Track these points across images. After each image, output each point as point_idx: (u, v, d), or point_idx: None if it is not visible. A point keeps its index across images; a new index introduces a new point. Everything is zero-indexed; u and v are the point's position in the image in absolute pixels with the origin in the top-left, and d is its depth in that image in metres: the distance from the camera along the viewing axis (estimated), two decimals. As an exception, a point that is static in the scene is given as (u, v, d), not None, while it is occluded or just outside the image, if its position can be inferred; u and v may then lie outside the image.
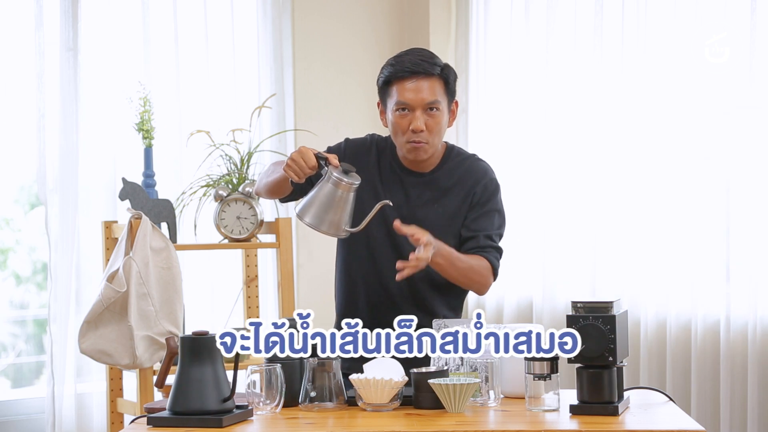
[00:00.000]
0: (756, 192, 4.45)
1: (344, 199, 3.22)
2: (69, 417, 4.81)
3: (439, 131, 3.41)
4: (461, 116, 5.50)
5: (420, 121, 3.36)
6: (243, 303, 4.92)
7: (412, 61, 3.39)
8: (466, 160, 3.53)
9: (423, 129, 3.37)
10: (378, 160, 3.49)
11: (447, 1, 5.55)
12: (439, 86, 3.40)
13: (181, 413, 2.87)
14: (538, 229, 5.13)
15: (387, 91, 3.42)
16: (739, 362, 4.48)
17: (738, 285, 4.50)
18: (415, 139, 3.38)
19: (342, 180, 3.21)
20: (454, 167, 3.50)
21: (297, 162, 3.22)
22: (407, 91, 3.37)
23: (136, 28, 5.00)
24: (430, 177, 3.48)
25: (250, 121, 4.73)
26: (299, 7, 5.40)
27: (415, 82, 3.37)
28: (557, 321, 4.95)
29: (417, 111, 3.37)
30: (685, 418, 2.92)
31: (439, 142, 3.44)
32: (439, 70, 3.40)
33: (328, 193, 3.22)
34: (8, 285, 5.09)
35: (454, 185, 3.48)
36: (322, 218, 3.23)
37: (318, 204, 3.23)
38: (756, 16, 4.42)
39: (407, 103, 3.37)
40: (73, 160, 4.81)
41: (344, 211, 3.23)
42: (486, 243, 3.45)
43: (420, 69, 3.38)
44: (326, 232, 3.24)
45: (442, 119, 3.41)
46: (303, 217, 3.24)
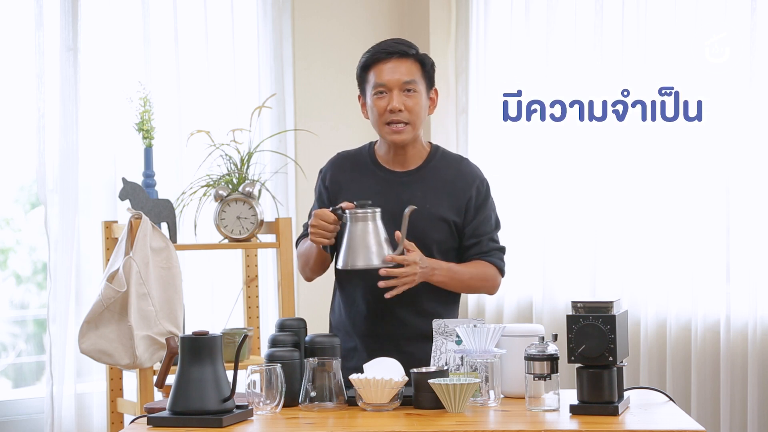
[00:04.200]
0: (756, 192, 4.45)
1: (375, 229, 3.27)
2: (69, 417, 4.81)
3: (419, 113, 3.42)
4: (461, 116, 5.50)
5: (398, 100, 3.38)
6: (243, 303, 4.92)
7: (387, 44, 3.45)
8: (455, 161, 3.53)
9: (402, 108, 3.39)
10: (359, 169, 3.50)
11: (447, 1, 5.55)
12: (415, 68, 3.43)
13: (181, 413, 2.87)
14: (538, 230, 5.13)
15: (365, 77, 3.45)
16: (739, 362, 4.49)
17: (738, 285, 4.50)
18: (394, 119, 3.39)
19: (359, 213, 3.26)
20: (443, 168, 3.50)
21: (319, 226, 3.29)
22: (384, 73, 3.40)
23: (136, 28, 5.00)
24: (417, 175, 3.48)
25: (250, 121, 4.73)
26: (299, 7, 5.40)
27: (392, 63, 3.41)
28: (557, 321, 4.95)
29: (395, 91, 3.39)
30: (685, 418, 2.92)
31: (420, 125, 3.45)
32: (414, 51, 3.45)
33: (359, 231, 3.26)
34: (8, 285, 5.09)
35: (444, 186, 3.47)
36: (366, 255, 3.26)
37: (355, 245, 3.26)
38: (756, 16, 4.42)
39: (385, 84, 3.40)
40: (73, 160, 4.81)
41: (381, 238, 3.27)
42: (490, 246, 3.48)
43: (396, 50, 3.42)
44: (378, 264, 3.27)
45: (421, 100, 3.43)
46: (348, 264, 3.27)
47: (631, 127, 4.83)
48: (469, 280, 3.43)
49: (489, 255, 3.48)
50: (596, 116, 4.95)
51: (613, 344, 2.91)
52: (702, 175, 4.62)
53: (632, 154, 4.83)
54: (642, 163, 4.80)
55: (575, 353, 2.94)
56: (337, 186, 3.48)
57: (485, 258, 3.47)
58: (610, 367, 2.93)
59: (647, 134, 4.78)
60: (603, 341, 2.92)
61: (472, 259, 3.46)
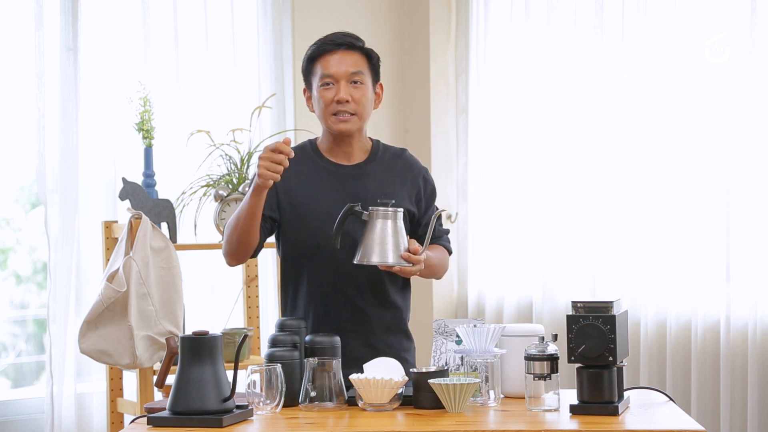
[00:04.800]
0: (756, 192, 4.46)
1: (395, 228, 3.26)
2: (69, 417, 4.80)
3: (365, 105, 3.43)
4: (461, 116, 5.50)
5: (345, 91, 3.40)
6: (243, 303, 4.92)
7: (335, 36, 3.46)
8: (399, 153, 3.55)
9: (348, 99, 3.39)
10: (305, 164, 3.47)
11: (447, 1, 5.55)
12: (362, 61, 3.45)
13: (181, 413, 2.87)
14: (538, 230, 5.14)
15: (311, 69, 3.46)
16: (739, 362, 4.49)
17: (738, 285, 4.51)
18: (340, 109, 3.40)
19: (380, 211, 3.25)
20: (390, 159, 3.51)
21: (273, 159, 3.18)
22: (331, 64, 3.42)
23: (136, 28, 5.00)
24: (366, 168, 3.48)
25: (250, 121, 4.73)
26: (299, 7, 5.40)
27: (339, 55, 3.42)
28: (557, 321, 4.95)
29: (341, 82, 3.40)
30: (685, 418, 2.92)
31: (366, 117, 3.45)
32: (362, 44, 3.47)
33: (378, 229, 3.25)
34: (8, 285, 5.09)
35: (395, 177, 3.49)
36: (383, 252, 3.25)
37: (372, 242, 3.25)
38: (756, 16, 4.42)
39: (331, 75, 3.41)
40: (73, 160, 4.81)
41: (399, 237, 3.26)
42: (441, 232, 3.57)
43: (343, 41, 3.44)
44: (393, 262, 3.25)
45: (367, 92, 3.44)
46: (364, 259, 3.25)
47: (631, 127, 4.84)
48: (436, 266, 3.48)
49: (440, 239, 3.55)
50: (596, 116, 4.97)
51: (613, 344, 2.92)
52: (702, 176, 4.62)
53: (632, 154, 4.83)
54: (642, 163, 4.80)
55: (575, 353, 2.94)
56: (284, 181, 3.36)
57: (439, 242, 3.54)
58: (610, 367, 2.93)
59: (647, 134, 4.78)
60: (603, 341, 2.92)
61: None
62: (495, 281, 5.32)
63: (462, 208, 5.47)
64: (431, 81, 5.52)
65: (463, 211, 5.46)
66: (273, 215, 3.43)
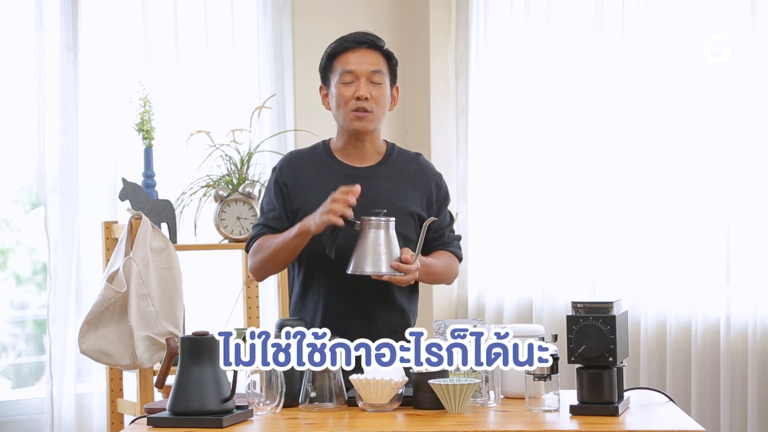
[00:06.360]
0: (756, 192, 4.46)
1: (387, 238, 3.26)
2: (69, 417, 4.80)
3: (383, 105, 3.44)
4: (461, 116, 5.50)
5: (365, 88, 3.40)
6: (243, 303, 4.92)
7: (357, 35, 3.47)
8: (413, 157, 3.56)
9: (368, 96, 3.40)
10: (317, 167, 3.48)
11: (447, 1, 5.55)
12: (382, 61, 3.45)
13: (181, 413, 2.87)
14: (538, 229, 5.14)
15: (331, 66, 3.46)
16: (739, 362, 4.49)
17: (738, 285, 4.51)
18: (360, 106, 3.40)
19: (372, 221, 3.25)
20: (403, 163, 3.51)
21: (339, 200, 3.23)
22: (352, 61, 3.42)
23: (136, 28, 5.00)
24: (379, 170, 3.48)
25: (250, 121, 4.73)
26: (299, 7, 5.40)
27: (360, 52, 3.43)
28: (557, 321, 4.95)
29: (362, 79, 3.40)
30: (685, 418, 2.92)
31: (382, 118, 3.46)
32: (383, 44, 3.47)
33: (371, 239, 3.25)
34: (8, 285, 5.09)
35: (408, 181, 3.48)
36: (376, 262, 3.25)
37: (365, 252, 3.25)
38: (756, 16, 4.42)
39: (352, 71, 3.41)
40: (73, 160, 4.81)
41: (392, 246, 3.26)
42: (451, 238, 3.55)
43: (364, 40, 3.45)
44: (386, 272, 3.26)
45: (385, 93, 3.44)
46: (357, 269, 3.25)
47: (631, 127, 4.84)
48: (440, 273, 3.47)
49: (450, 246, 3.53)
50: (596, 116, 4.97)
51: (613, 344, 2.92)
52: (702, 176, 4.62)
53: (632, 154, 4.83)
54: (642, 163, 4.80)
55: (575, 353, 2.94)
56: (296, 184, 3.43)
57: (448, 249, 3.52)
58: (610, 367, 2.93)
59: (647, 134, 4.79)
60: (603, 341, 2.92)
61: (435, 250, 3.49)
62: (495, 281, 5.32)
63: (462, 208, 5.46)
64: (431, 81, 5.52)
65: (463, 211, 5.46)
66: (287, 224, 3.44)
